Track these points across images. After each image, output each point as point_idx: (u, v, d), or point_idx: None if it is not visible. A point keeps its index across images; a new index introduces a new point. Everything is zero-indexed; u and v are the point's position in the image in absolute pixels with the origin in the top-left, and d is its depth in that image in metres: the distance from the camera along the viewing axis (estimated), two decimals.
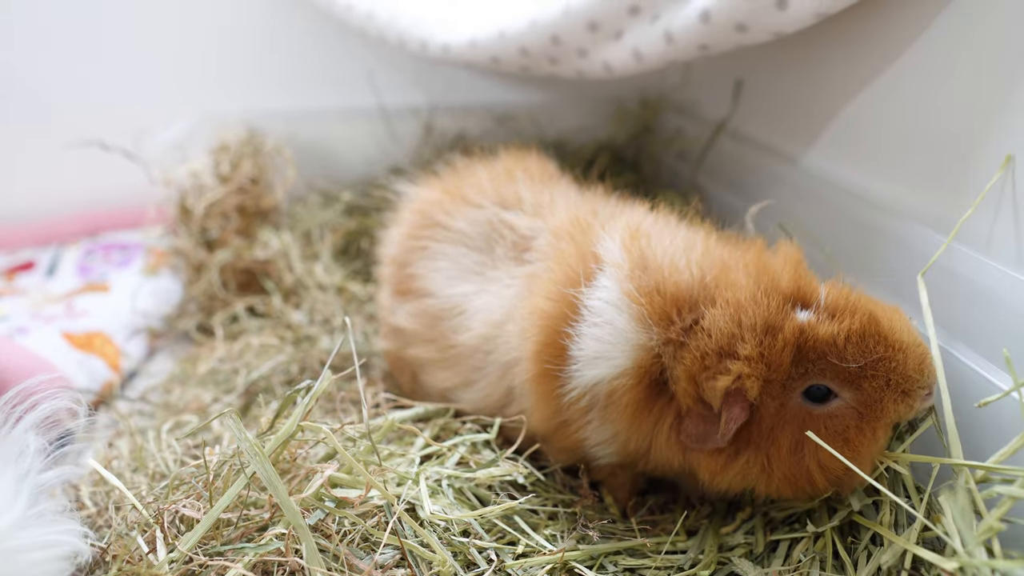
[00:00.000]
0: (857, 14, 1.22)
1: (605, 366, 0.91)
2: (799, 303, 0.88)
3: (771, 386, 0.86)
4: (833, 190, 1.32)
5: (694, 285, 0.89)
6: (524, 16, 1.54)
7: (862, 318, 0.85)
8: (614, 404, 0.92)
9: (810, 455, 0.87)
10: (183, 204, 1.68)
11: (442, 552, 0.85)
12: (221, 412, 0.90)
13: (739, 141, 1.70)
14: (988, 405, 0.85)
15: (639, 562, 0.97)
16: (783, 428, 0.88)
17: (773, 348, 0.84)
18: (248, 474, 0.84)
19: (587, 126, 2.18)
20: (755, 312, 0.85)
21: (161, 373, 1.57)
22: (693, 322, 0.88)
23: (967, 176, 1.05)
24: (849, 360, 0.84)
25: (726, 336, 0.85)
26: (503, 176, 1.23)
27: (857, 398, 0.86)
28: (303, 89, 2.18)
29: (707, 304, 0.88)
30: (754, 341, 0.84)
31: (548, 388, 0.97)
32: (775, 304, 0.86)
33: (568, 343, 0.93)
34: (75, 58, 2.06)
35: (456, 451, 1.05)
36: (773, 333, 0.84)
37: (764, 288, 0.87)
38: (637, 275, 0.90)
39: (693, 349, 0.86)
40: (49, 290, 1.89)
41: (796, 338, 0.85)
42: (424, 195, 1.28)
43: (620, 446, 0.98)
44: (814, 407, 0.87)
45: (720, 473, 0.91)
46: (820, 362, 0.85)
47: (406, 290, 1.23)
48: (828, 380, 0.86)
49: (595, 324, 0.91)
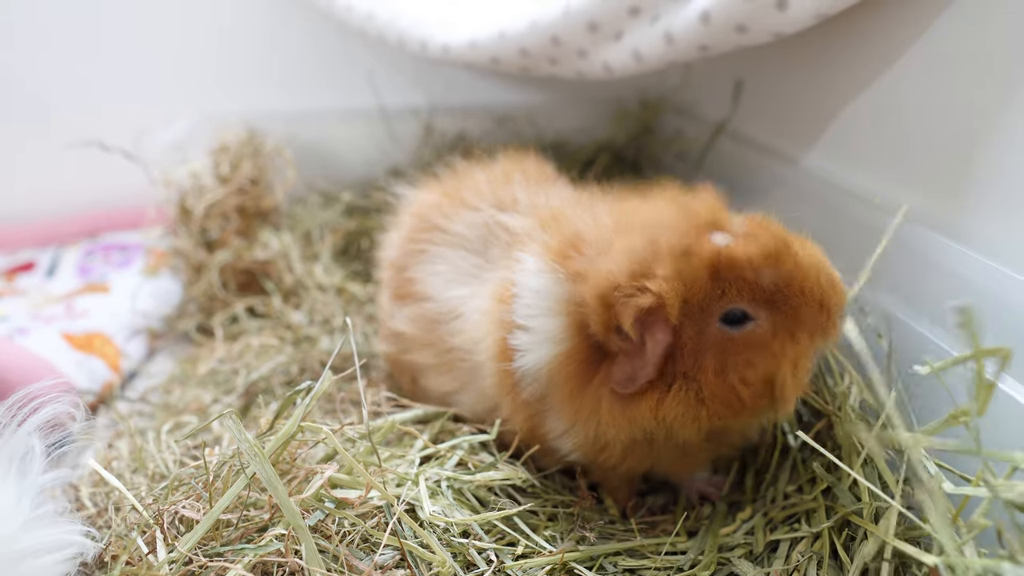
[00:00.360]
0: (857, 15, 1.22)
1: (539, 340, 0.91)
2: (715, 230, 0.89)
3: (690, 310, 0.87)
4: (833, 191, 1.32)
5: (605, 226, 0.91)
6: (524, 17, 1.54)
7: (775, 239, 0.88)
8: (558, 383, 0.92)
9: (733, 373, 0.88)
10: (183, 205, 1.68)
11: (442, 553, 0.85)
12: (221, 413, 0.89)
13: (739, 142, 1.70)
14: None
15: (639, 563, 0.97)
16: (706, 353, 0.88)
17: (689, 268, 0.85)
18: (248, 475, 0.84)
19: (587, 127, 2.18)
20: (670, 234, 0.86)
21: (161, 374, 1.58)
22: (607, 249, 0.89)
23: (967, 177, 1.05)
24: (763, 277, 0.86)
25: (640, 258, 0.85)
26: (500, 178, 1.23)
27: (772, 318, 0.88)
28: (303, 90, 2.18)
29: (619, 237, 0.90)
30: (670, 261, 0.85)
31: (509, 386, 0.98)
32: (691, 229, 0.87)
33: (510, 334, 0.94)
34: (75, 58, 2.07)
35: (455, 452, 1.05)
36: (689, 255, 0.85)
37: (681, 216, 0.89)
38: (552, 245, 0.92)
39: (606, 272, 0.85)
40: (49, 291, 1.89)
41: (712, 258, 0.85)
42: (423, 198, 1.28)
43: (579, 438, 0.97)
44: (732, 330, 0.88)
45: (661, 410, 0.89)
46: (736, 283, 0.86)
47: (405, 294, 1.23)
48: (744, 303, 0.87)
49: (524, 300, 0.93)
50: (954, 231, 1.06)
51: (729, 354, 0.88)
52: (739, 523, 1.03)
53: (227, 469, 0.90)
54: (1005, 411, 0.86)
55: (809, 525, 0.96)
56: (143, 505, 0.91)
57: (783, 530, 0.98)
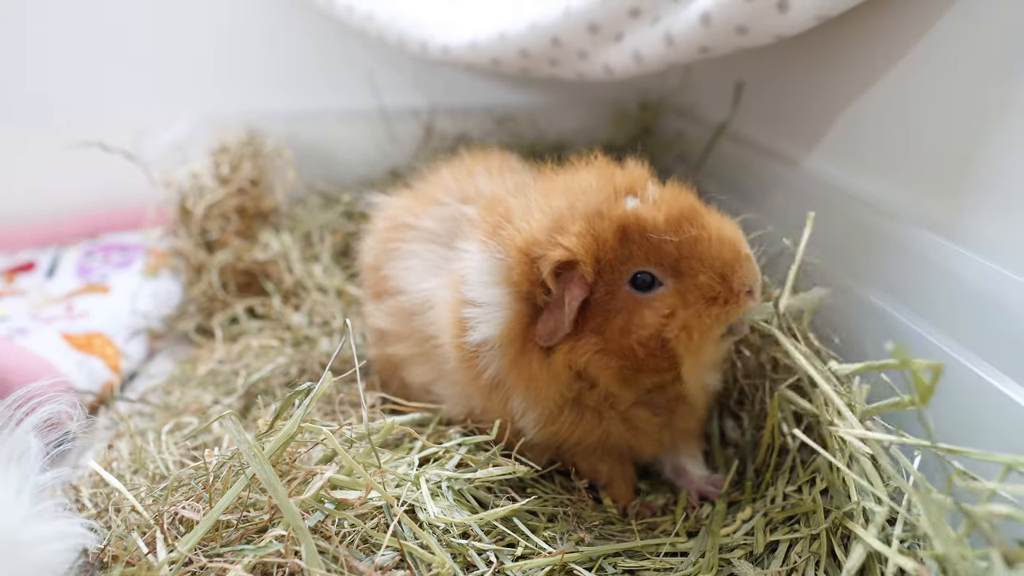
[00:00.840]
0: (858, 17, 1.22)
1: (493, 314, 0.95)
2: (630, 195, 0.95)
3: (602, 269, 0.93)
4: (834, 193, 1.32)
5: (535, 202, 0.96)
6: (524, 18, 1.54)
7: (683, 204, 0.93)
8: (504, 349, 0.96)
9: (633, 334, 0.93)
10: (183, 205, 1.68)
11: (441, 554, 0.85)
12: (220, 415, 0.89)
13: (739, 143, 1.70)
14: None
15: (638, 563, 0.97)
16: (615, 314, 0.94)
17: (600, 227, 0.91)
18: (248, 475, 0.84)
19: (587, 128, 2.18)
20: (584, 197, 0.92)
21: (161, 374, 1.57)
22: (529, 214, 0.94)
23: (968, 179, 1.05)
24: (668, 243, 0.91)
25: (556, 217, 0.92)
26: (464, 173, 1.26)
27: (677, 285, 0.93)
28: (303, 90, 2.18)
29: (530, 212, 0.95)
30: (583, 220, 0.91)
31: (470, 367, 1.00)
32: (605, 193, 0.93)
33: (463, 312, 0.98)
34: (75, 59, 2.07)
35: (455, 453, 1.05)
36: (601, 215, 0.91)
37: (593, 180, 0.95)
38: (486, 225, 0.98)
39: (527, 231, 0.92)
40: (49, 291, 1.89)
41: (621, 220, 0.91)
42: (395, 203, 1.31)
43: (535, 412, 1.00)
44: (640, 294, 0.93)
45: (573, 356, 0.95)
46: (643, 246, 0.92)
47: (381, 291, 1.25)
48: (652, 267, 0.93)
49: (469, 278, 0.97)
50: (954, 233, 1.07)
51: (633, 314, 0.93)
52: (739, 523, 1.03)
53: (227, 470, 0.90)
54: (1008, 415, 0.86)
55: (808, 526, 0.96)
56: (143, 506, 0.91)
57: (783, 531, 0.98)
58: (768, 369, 1.18)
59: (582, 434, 1.03)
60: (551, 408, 1.00)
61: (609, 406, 1.02)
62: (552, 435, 1.04)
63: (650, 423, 1.05)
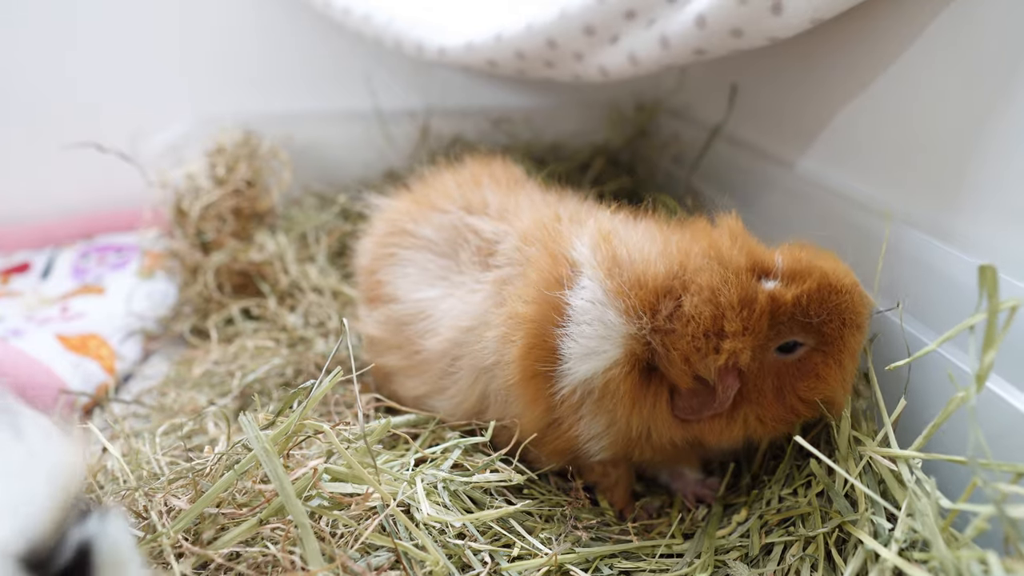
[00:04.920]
0: (852, 19, 1.23)
1: (598, 360, 0.95)
2: (761, 274, 0.97)
3: (754, 351, 0.95)
4: (828, 194, 1.32)
5: (667, 275, 0.96)
6: (520, 19, 1.55)
7: (818, 277, 0.97)
8: (610, 394, 0.96)
9: (791, 395, 0.99)
10: (179, 206, 1.68)
11: (436, 553, 0.85)
12: (210, 410, 0.89)
13: (734, 145, 1.71)
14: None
15: (634, 565, 0.97)
16: (765, 380, 0.98)
17: (752, 319, 0.93)
18: (245, 463, 0.84)
19: (583, 130, 2.18)
20: (730, 291, 0.93)
21: (156, 375, 1.57)
22: (675, 307, 0.95)
23: (962, 181, 1.05)
24: (812, 316, 0.96)
25: (710, 318, 0.93)
26: (469, 182, 1.25)
27: (819, 340, 0.98)
28: (299, 91, 2.18)
29: (682, 290, 0.95)
30: (736, 317, 0.93)
31: (538, 389, 0.99)
32: (744, 280, 0.95)
33: (555, 343, 0.96)
34: (71, 60, 2.06)
35: (451, 454, 1.05)
36: (750, 306, 0.94)
37: (730, 268, 0.96)
38: (616, 273, 0.96)
39: (682, 334, 0.93)
40: (44, 292, 1.89)
41: (769, 306, 0.94)
42: (394, 205, 1.31)
43: (616, 435, 1.00)
44: (786, 357, 0.98)
45: (725, 433, 1.00)
46: (789, 322, 0.96)
47: (374, 297, 1.24)
48: (796, 334, 0.97)
49: (584, 322, 0.95)
50: (949, 235, 1.07)
51: (785, 377, 0.98)
52: (735, 526, 1.03)
53: (221, 467, 0.90)
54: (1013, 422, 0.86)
55: (804, 528, 0.96)
56: (138, 497, 0.91)
57: (778, 533, 0.98)
58: None
59: (651, 455, 1.06)
60: (648, 443, 1.02)
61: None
62: (619, 454, 1.05)
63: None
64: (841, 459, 0.96)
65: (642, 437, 1.01)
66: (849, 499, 0.93)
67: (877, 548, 0.81)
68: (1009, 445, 0.85)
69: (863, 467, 0.93)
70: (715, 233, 1.03)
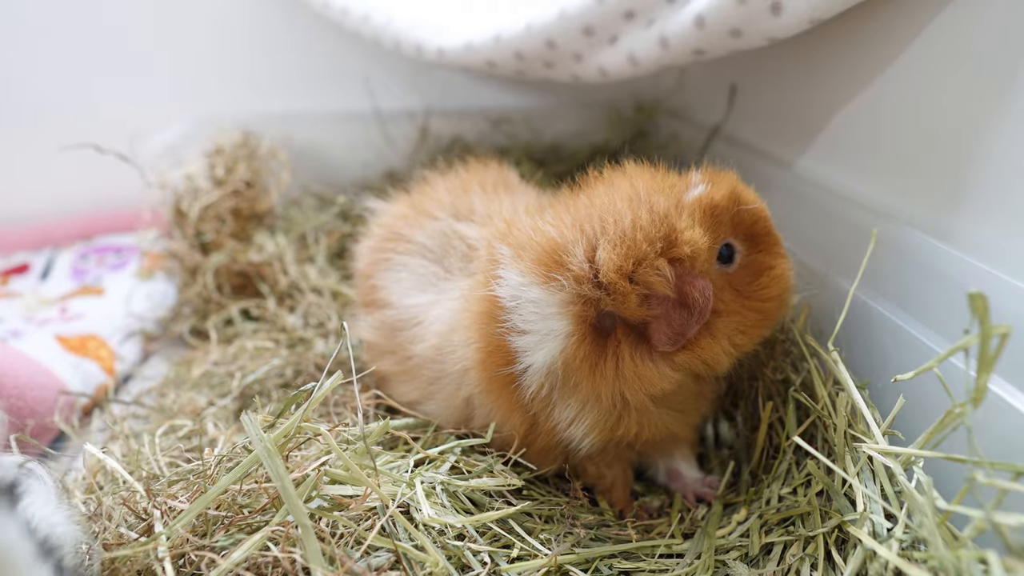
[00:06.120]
0: (851, 19, 1.23)
1: (551, 342, 0.93)
2: (685, 189, 0.98)
3: (708, 252, 0.95)
4: (827, 194, 1.32)
5: (574, 225, 0.94)
6: (520, 20, 1.55)
7: (733, 182, 1.01)
8: (573, 371, 0.94)
9: (753, 298, 0.99)
10: (178, 207, 1.67)
11: (435, 554, 0.85)
12: (210, 411, 0.89)
13: (734, 145, 1.71)
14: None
15: (634, 565, 0.97)
16: (724, 292, 0.97)
17: (695, 218, 0.94)
18: (246, 464, 0.84)
19: (582, 130, 2.18)
20: (662, 201, 0.93)
21: (155, 376, 1.57)
22: (592, 250, 0.91)
23: (962, 181, 1.05)
24: (744, 214, 0.98)
25: (648, 229, 0.91)
26: (459, 188, 1.25)
27: (751, 244, 1.01)
28: (298, 92, 2.18)
29: (600, 231, 0.92)
30: (686, 218, 0.93)
31: (505, 390, 0.99)
32: (674, 191, 0.96)
33: (507, 339, 0.95)
34: (71, 61, 2.06)
35: (449, 457, 1.04)
36: (686, 210, 0.94)
37: (656, 186, 0.96)
38: (524, 250, 0.95)
39: (618, 258, 0.89)
40: (43, 293, 1.89)
41: (707, 203, 0.95)
42: (392, 210, 1.31)
43: (595, 415, 0.98)
44: (729, 267, 0.99)
45: (711, 352, 0.96)
46: (722, 225, 0.97)
47: (370, 301, 1.24)
48: (729, 236, 0.98)
49: (517, 311, 0.94)
50: (948, 235, 1.07)
51: (740, 285, 0.98)
52: (735, 525, 1.03)
53: (220, 469, 0.90)
54: (1010, 422, 0.86)
55: (804, 528, 0.96)
56: (138, 499, 0.91)
57: (778, 532, 0.98)
58: (766, 369, 1.18)
59: (647, 430, 1.02)
60: (626, 409, 0.99)
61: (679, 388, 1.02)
62: (609, 435, 1.02)
63: (690, 397, 1.06)
64: (839, 458, 0.96)
65: (619, 407, 0.97)
66: (848, 498, 0.93)
67: (876, 548, 0.81)
68: (1010, 445, 0.85)
69: (862, 466, 0.93)
70: (629, 174, 1.02)
